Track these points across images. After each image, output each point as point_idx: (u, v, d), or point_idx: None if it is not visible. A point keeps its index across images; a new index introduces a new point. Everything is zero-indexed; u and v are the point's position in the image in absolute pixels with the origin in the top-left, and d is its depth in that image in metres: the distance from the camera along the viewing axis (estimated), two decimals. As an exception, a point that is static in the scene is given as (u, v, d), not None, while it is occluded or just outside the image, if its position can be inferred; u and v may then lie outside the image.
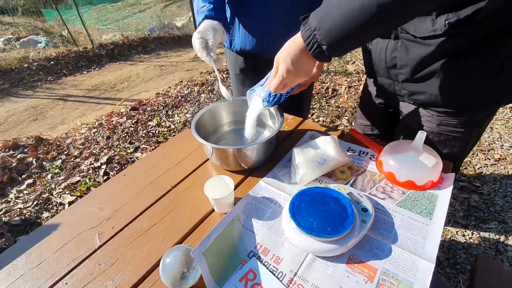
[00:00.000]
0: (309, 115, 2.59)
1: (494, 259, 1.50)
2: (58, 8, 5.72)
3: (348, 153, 0.88)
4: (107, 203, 0.81)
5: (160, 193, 0.81)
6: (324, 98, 2.84)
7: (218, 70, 0.89)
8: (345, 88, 2.97)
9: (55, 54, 4.79)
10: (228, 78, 3.28)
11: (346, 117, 2.50)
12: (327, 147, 0.80)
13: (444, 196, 0.72)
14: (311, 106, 2.71)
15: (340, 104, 2.71)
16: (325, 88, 3.00)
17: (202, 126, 0.91)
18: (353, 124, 2.43)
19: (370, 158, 0.85)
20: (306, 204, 0.65)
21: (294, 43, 0.63)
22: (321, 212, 0.63)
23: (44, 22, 7.10)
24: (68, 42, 5.54)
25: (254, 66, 1.22)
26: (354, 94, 2.85)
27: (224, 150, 0.80)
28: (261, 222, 0.69)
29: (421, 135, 0.73)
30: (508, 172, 1.99)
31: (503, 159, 2.08)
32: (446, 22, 0.65)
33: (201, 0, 0.92)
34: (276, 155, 0.89)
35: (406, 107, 0.90)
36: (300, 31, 0.62)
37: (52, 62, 4.56)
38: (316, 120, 2.51)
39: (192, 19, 5.85)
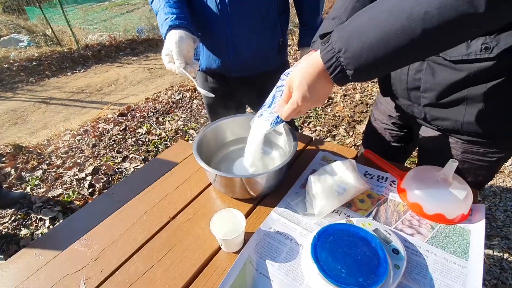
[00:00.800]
0: (306, 124, 2.52)
1: None
2: (41, 6, 5.46)
3: (365, 178, 0.80)
4: (93, 238, 0.70)
5: (156, 226, 0.71)
6: (321, 107, 2.78)
7: (192, 74, 0.81)
8: (341, 96, 2.93)
9: (38, 54, 4.56)
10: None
11: (343, 127, 2.44)
12: (345, 173, 0.72)
13: (477, 231, 0.65)
14: (307, 115, 2.65)
15: (336, 113, 2.66)
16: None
17: (204, 145, 0.82)
18: (350, 133, 2.38)
19: (390, 185, 0.78)
20: (330, 245, 0.57)
21: (311, 66, 0.54)
22: (349, 257, 0.55)
23: (26, 21, 6.79)
24: (52, 42, 5.29)
25: (223, 85, 1.18)
26: (350, 103, 2.81)
27: (231, 178, 0.70)
28: (277, 265, 0.60)
29: (452, 165, 0.65)
30: (506, 185, 1.98)
31: (500, 171, 2.07)
32: (483, 46, 0.58)
33: (163, 13, 0.84)
34: (286, 179, 0.80)
35: (425, 130, 0.83)
36: (319, 51, 0.52)
37: (34, 63, 4.33)
38: (313, 129, 2.44)
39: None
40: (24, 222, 1.77)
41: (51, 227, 1.72)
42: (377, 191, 0.76)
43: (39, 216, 1.79)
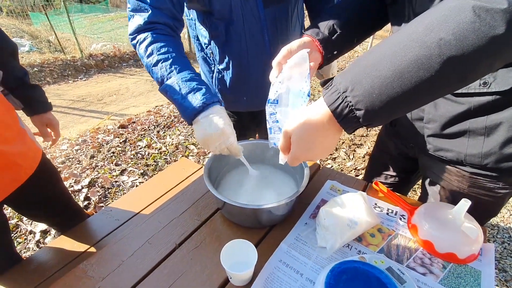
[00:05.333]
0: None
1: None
2: (47, 12, 5.52)
3: (375, 211, 0.79)
4: (95, 264, 0.67)
5: (162, 254, 0.68)
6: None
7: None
8: (341, 118, 2.97)
9: (40, 60, 4.56)
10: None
11: (343, 150, 2.46)
12: (357, 206, 0.72)
13: (487, 272, 0.65)
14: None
15: (337, 135, 2.68)
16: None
17: (213, 169, 0.81)
18: (351, 156, 2.39)
19: (400, 219, 0.77)
20: (344, 285, 0.55)
21: (313, 116, 0.48)
22: (364, 299, 0.53)
23: (30, 25, 6.84)
24: (55, 49, 5.32)
25: (243, 118, 1.18)
26: (350, 126, 2.83)
27: (241, 207, 0.69)
28: (287, 302, 0.58)
29: (465, 204, 0.66)
30: (503, 216, 1.99)
31: (498, 202, 2.09)
32: (481, 81, 0.60)
33: (181, 80, 0.71)
34: (295, 208, 0.79)
35: (431, 162, 0.84)
36: (322, 97, 0.48)
37: (35, 69, 4.33)
38: (314, 150, 2.45)
39: (186, 35, 5.78)
40: (12, 235, 1.70)
41: (41, 240, 1.66)
42: (387, 226, 0.75)
43: (29, 228, 1.73)
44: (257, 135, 1.34)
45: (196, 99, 0.69)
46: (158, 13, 0.75)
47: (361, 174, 2.16)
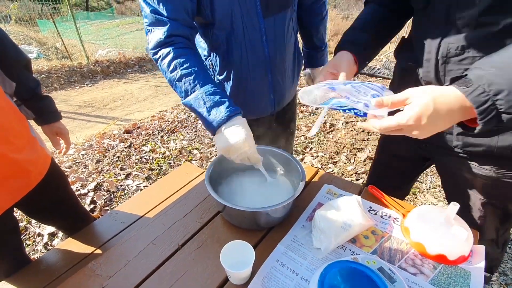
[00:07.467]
0: (308, 150, 2.56)
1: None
2: (54, 20, 5.65)
3: (370, 214, 0.82)
4: (102, 263, 0.71)
5: (165, 254, 0.72)
6: (322, 133, 2.84)
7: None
8: (342, 123, 3.00)
9: (48, 67, 4.67)
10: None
11: (344, 154, 2.48)
12: (351, 209, 0.75)
13: (477, 273, 0.67)
14: (310, 140, 2.70)
15: (338, 139, 2.71)
16: (323, 122, 3.01)
17: (215, 172, 0.85)
18: (352, 161, 2.42)
19: (394, 222, 0.80)
20: (337, 284, 0.59)
21: (449, 96, 0.49)
22: (355, 296, 0.57)
23: (37, 32, 6.99)
24: (62, 56, 5.44)
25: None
26: (352, 130, 2.87)
27: (240, 210, 0.72)
28: (283, 300, 0.61)
29: (454, 207, 0.69)
30: (505, 220, 1.99)
31: (499, 206, 2.09)
32: None
33: (206, 93, 0.74)
34: (292, 211, 0.83)
35: (452, 160, 0.82)
36: (464, 95, 0.48)
37: (43, 75, 4.43)
38: (315, 155, 2.48)
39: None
40: (22, 237, 1.75)
41: (49, 242, 1.71)
42: (381, 228, 0.78)
43: (37, 231, 1.78)
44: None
45: (220, 112, 0.72)
46: (176, 25, 0.76)
47: (361, 178, 2.18)
